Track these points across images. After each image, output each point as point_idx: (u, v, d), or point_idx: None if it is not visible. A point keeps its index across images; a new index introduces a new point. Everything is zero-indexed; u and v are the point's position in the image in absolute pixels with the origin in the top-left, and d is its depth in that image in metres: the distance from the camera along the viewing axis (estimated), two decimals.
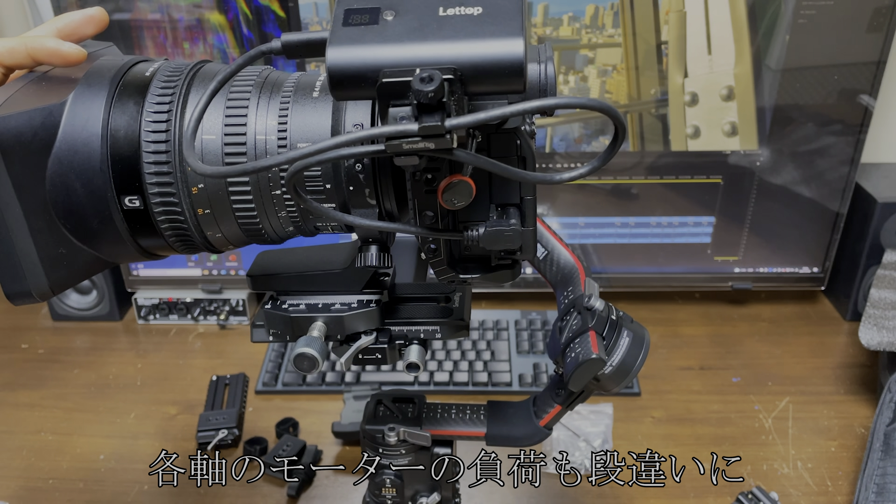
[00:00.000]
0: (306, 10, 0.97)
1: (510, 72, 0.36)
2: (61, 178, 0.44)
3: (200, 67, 0.48)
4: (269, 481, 0.88)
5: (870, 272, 1.10)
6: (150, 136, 0.45)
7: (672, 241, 1.12)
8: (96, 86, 0.45)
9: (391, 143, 0.36)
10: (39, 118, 0.43)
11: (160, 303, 1.16)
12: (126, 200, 0.46)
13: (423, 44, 0.37)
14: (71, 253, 0.46)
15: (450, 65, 0.36)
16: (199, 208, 0.47)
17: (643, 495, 0.85)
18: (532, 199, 0.44)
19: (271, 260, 0.55)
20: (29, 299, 0.45)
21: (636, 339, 0.55)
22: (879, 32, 0.96)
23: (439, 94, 0.34)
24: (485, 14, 0.37)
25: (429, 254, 0.47)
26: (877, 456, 0.83)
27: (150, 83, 0.46)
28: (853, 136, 1.03)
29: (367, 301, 0.53)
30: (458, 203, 0.42)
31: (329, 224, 0.50)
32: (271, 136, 0.46)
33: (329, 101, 0.46)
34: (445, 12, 0.37)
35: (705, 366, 1.07)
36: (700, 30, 0.97)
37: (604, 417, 0.93)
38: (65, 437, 0.95)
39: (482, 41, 0.36)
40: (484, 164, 0.38)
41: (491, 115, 0.35)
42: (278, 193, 0.47)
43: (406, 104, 0.36)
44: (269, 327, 0.54)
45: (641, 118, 1.03)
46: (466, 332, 0.56)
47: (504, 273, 0.49)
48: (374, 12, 0.38)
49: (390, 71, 0.36)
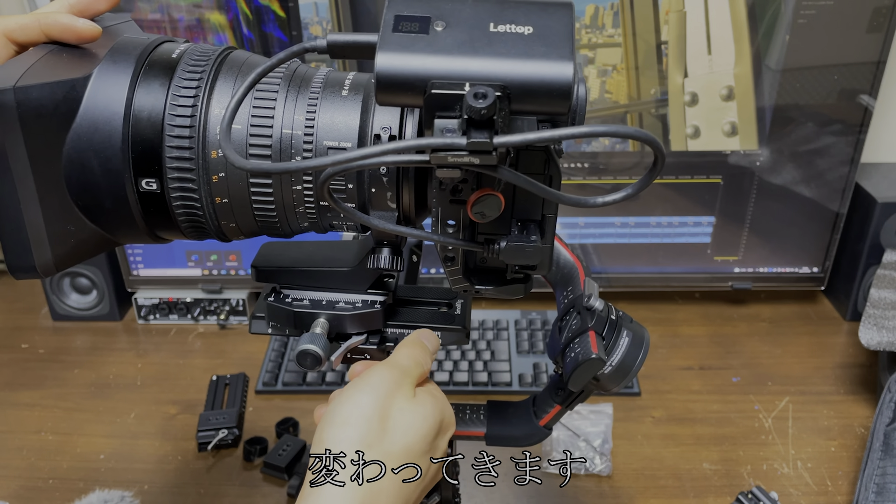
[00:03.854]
0: (306, 10, 0.97)
1: (558, 94, 0.37)
2: (79, 154, 0.44)
3: (228, 53, 0.48)
4: (269, 481, 0.88)
5: (870, 272, 1.10)
6: (175, 121, 0.44)
7: (672, 241, 1.12)
8: (121, 63, 0.45)
9: (437, 154, 0.36)
10: (62, 91, 0.43)
11: (160, 303, 1.16)
12: (143, 183, 0.45)
13: (474, 58, 0.37)
14: (79, 230, 0.46)
15: (498, 82, 0.36)
16: (217, 197, 0.46)
17: (643, 495, 0.86)
18: (553, 216, 0.45)
19: (277, 252, 0.55)
20: (32, 274, 0.44)
21: (636, 338, 0.55)
22: (879, 32, 0.96)
23: (491, 112, 0.35)
24: (536, 34, 0.37)
25: (446, 262, 0.48)
26: (877, 456, 0.83)
27: (178, 65, 0.46)
28: (853, 136, 1.03)
29: (371, 302, 0.53)
30: (487, 216, 0.42)
31: (345, 223, 0.50)
32: (298, 130, 0.46)
33: (358, 101, 0.46)
34: (496, 28, 0.38)
35: (705, 366, 1.07)
36: (700, 30, 0.97)
37: (604, 417, 0.93)
38: (65, 437, 0.95)
39: (533, 61, 0.37)
40: (524, 184, 0.39)
41: (541, 137, 0.36)
42: (299, 189, 0.47)
43: (453, 117, 0.36)
44: (269, 320, 0.54)
45: (641, 118, 1.03)
46: (467, 340, 0.56)
47: (517, 287, 0.49)
48: (424, 21, 0.38)
49: (439, 82, 0.36)
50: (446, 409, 0.52)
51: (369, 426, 0.46)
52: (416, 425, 0.48)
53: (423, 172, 0.47)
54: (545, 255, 0.45)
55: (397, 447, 0.46)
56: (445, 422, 0.51)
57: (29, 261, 0.43)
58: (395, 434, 0.47)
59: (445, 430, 0.51)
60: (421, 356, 0.52)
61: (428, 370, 0.52)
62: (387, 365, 0.50)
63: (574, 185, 1.07)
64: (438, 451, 0.50)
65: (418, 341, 0.53)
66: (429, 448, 0.48)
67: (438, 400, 0.51)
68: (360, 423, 0.46)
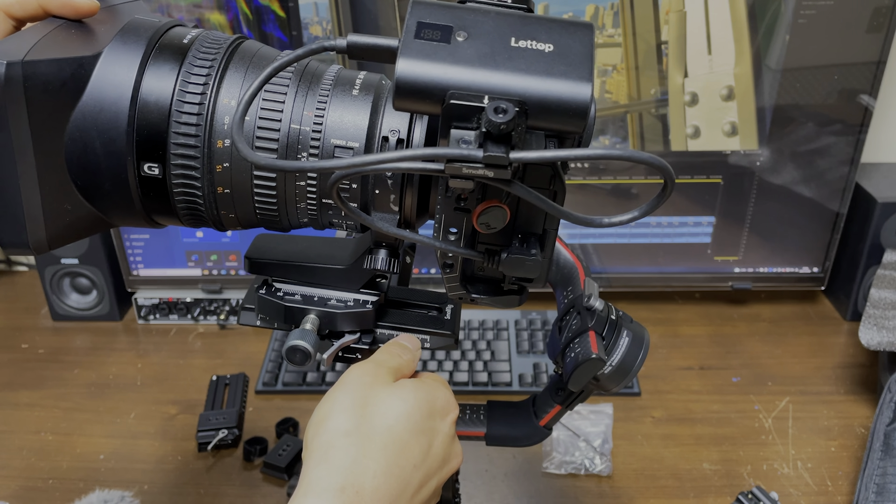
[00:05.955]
0: (306, 10, 0.97)
1: (575, 113, 0.37)
2: (82, 133, 0.43)
3: (240, 43, 0.47)
4: (269, 481, 0.88)
5: (870, 272, 1.10)
6: (184, 107, 0.44)
7: (672, 241, 1.12)
8: (132, 44, 0.44)
9: (452, 165, 0.36)
10: (69, 69, 0.42)
11: (160, 303, 1.16)
12: (145, 167, 0.45)
13: (494, 72, 0.37)
14: (75, 209, 0.45)
15: (517, 97, 0.37)
16: (219, 187, 0.46)
17: (643, 495, 0.86)
18: (554, 231, 0.45)
19: (271, 244, 0.54)
20: (24, 250, 0.43)
21: (636, 338, 0.55)
22: (879, 32, 0.96)
23: (510, 127, 0.35)
24: (556, 52, 0.38)
25: (444, 269, 0.48)
26: (877, 456, 0.83)
27: (189, 51, 0.45)
28: (853, 136, 1.03)
29: (363, 301, 0.53)
30: (492, 227, 0.43)
31: (345, 222, 0.50)
32: (306, 126, 0.46)
33: (368, 101, 0.46)
34: (517, 43, 0.38)
35: (705, 366, 1.07)
36: (700, 30, 0.97)
37: (604, 417, 0.93)
38: (65, 437, 0.95)
39: (552, 80, 0.37)
40: (535, 200, 0.39)
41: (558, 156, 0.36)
42: (302, 185, 0.47)
43: (470, 128, 0.36)
44: (259, 312, 0.54)
45: (641, 118, 1.03)
46: (455, 346, 0.56)
47: (512, 298, 0.49)
48: (446, 30, 0.38)
49: (458, 93, 0.37)
50: (436, 392, 0.50)
51: (348, 415, 0.46)
52: (395, 406, 0.47)
53: (428, 178, 0.47)
54: (543, 269, 0.46)
55: (378, 429, 0.46)
56: (438, 404, 0.50)
57: (22, 237, 0.43)
58: (374, 417, 0.46)
59: (441, 412, 0.50)
60: (398, 350, 0.52)
61: (409, 364, 0.52)
62: (361, 363, 0.50)
63: (574, 185, 1.07)
64: (438, 433, 0.49)
65: (396, 342, 0.54)
66: (418, 429, 0.47)
67: (424, 384, 0.50)
68: (340, 414, 0.46)
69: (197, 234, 1.13)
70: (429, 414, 0.49)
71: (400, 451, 0.46)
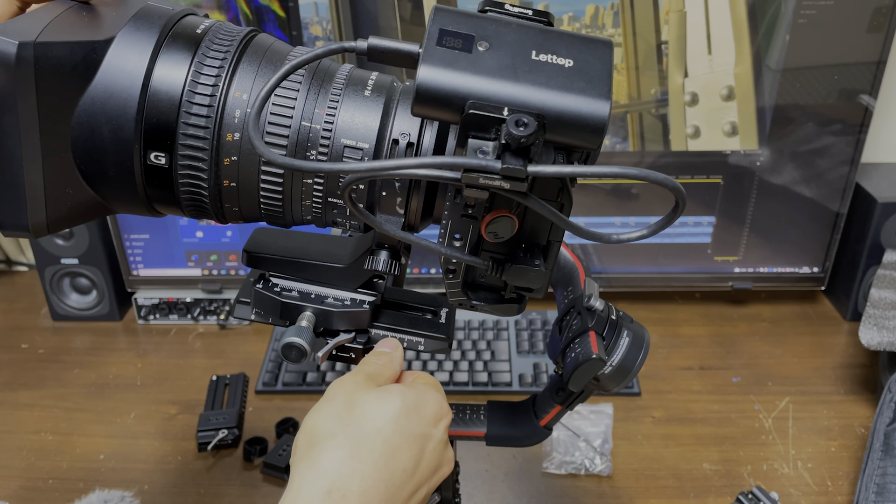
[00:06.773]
0: (306, 10, 0.97)
1: (592, 130, 0.37)
2: (90, 118, 0.43)
3: (254, 36, 0.47)
4: (268, 481, 0.88)
5: (870, 272, 1.10)
6: (195, 98, 0.44)
7: (672, 241, 1.12)
8: (145, 31, 0.44)
9: (469, 174, 0.36)
10: (81, 52, 0.41)
11: (160, 303, 1.16)
12: (152, 156, 0.44)
13: (515, 84, 0.37)
14: (77, 194, 0.45)
15: (536, 110, 0.37)
16: (225, 180, 0.46)
17: (643, 495, 0.86)
18: (558, 243, 0.45)
19: (270, 239, 0.54)
20: (23, 233, 0.43)
21: (636, 339, 0.56)
22: (879, 32, 0.96)
23: (530, 141, 0.35)
24: (576, 68, 0.38)
25: (447, 274, 0.48)
26: (877, 456, 0.83)
27: (202, 41, 0.45)
28: (853, 136, 1.03)
29: (360, 301, 0.53)
30: (500, 237, 0.43)
31: (349, 221, 0.50)
32: (317, 125, 0.45)
33: (379, 102, 0.46)
34: (538, 57, 0.38)
35: (705, 366, 1.07)
36: (700, 30, 0.97)
37: (604, 417, 0.93)
38: (65, 437, 0.95)
39: (572, 95, 0.37)
40: (548, 214, 0.40)
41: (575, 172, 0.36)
42: (309, 182, 0.47)
43: (488, 139, 0.36)
44: (254, 306, 0.54)
45: (641, 118, 1.03)
46: (448, 350, 0.56)
47: (512, 307, 0.49)
48: (468, 39, 0.38)
49: (478, 104, 0.37)
50: (426, 396, 0.49)
51: (334, 420, 0.45)
52: (381, 409, 0.46)
53: (435, 183, 0.47)
54: (545, 280, 0.46)
55: (366, 431, 0.45)
56: (428, 409, 0.48)
57: (22, 219, 0.42)
58: (361, 420, 0.45)
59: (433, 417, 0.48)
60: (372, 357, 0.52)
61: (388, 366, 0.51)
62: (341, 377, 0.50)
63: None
64: (430, 439, 0.47)
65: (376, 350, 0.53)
66: (410, 435, 0.46)
67: (413, 388, 0.49)
68: (327, 420, 0.46)
69: (197, 234, 1.13)
70: (420, 419, 0.47)
71: (390, 456, 0.45)
